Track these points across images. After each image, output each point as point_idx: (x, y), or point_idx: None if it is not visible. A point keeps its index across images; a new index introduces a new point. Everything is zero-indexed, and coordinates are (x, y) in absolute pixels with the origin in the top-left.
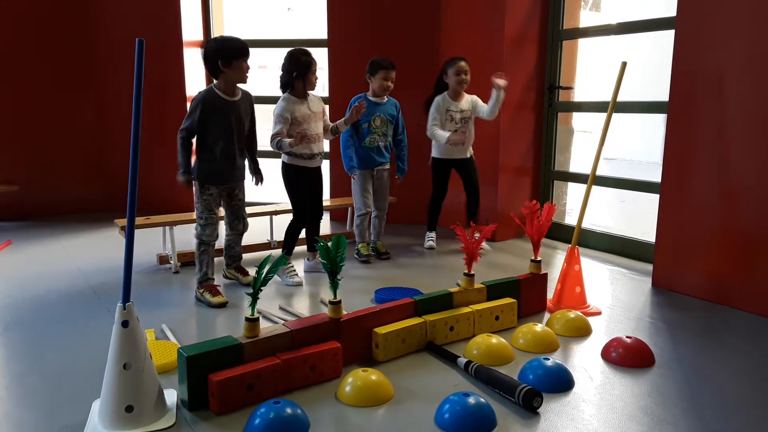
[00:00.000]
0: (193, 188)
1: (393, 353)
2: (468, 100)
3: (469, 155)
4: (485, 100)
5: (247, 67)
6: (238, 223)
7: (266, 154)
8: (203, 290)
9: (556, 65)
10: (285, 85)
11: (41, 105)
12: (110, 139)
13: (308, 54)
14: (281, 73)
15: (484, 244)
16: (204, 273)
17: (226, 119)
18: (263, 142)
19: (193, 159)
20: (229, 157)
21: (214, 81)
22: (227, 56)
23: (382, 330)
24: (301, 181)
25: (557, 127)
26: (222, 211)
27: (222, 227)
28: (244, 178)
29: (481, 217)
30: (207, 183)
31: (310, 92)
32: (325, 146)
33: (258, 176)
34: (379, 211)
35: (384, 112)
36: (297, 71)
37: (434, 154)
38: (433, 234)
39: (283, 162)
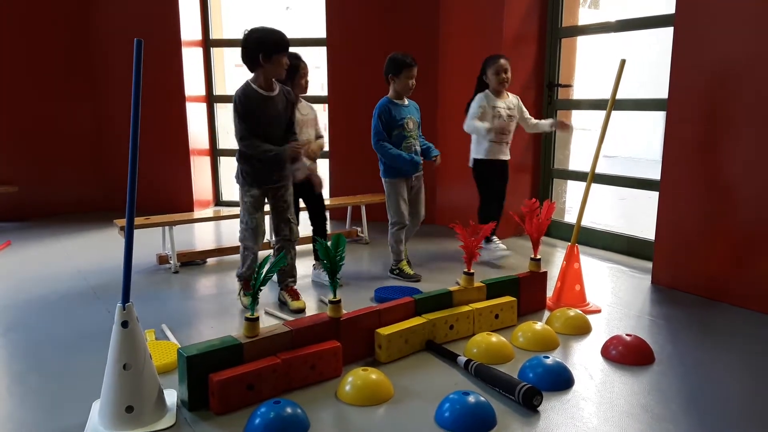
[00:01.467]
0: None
1: (396, 354)
2: (513, 99)
3: (508, 158)
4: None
5: (287, 63)
6: (284, 227)
7: None
8: (242, 287)
9: (555, 63)
10: None
11: (40, 105)
12: (109, 138)
13: (297, 57)
14: None
15: (502, 248)
16: (244, 272)
17: (266, 115)
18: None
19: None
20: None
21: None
22: (269, 50)
23: (385, 331)
24: (295, 187)
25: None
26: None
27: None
28: (290, 179)
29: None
30: (248, 185)
31: (302, 97)
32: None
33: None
34: (413, 224)
35: (411, 114)
36: (286, 76)
37: (476, 155)
38: (496, 240)
39: None
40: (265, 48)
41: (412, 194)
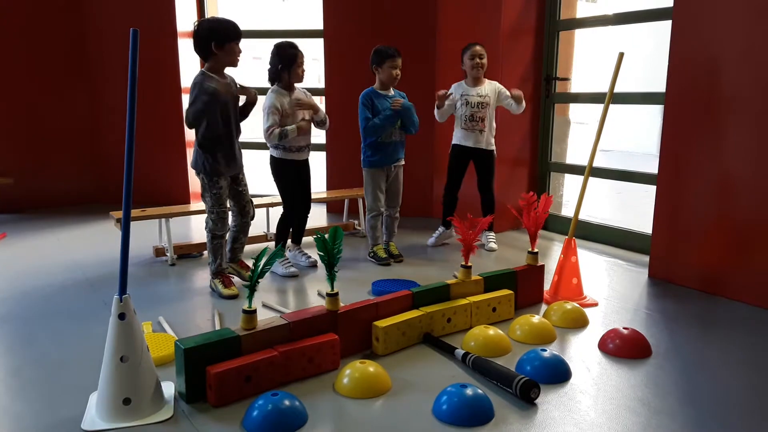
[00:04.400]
0: (200, 182)
1: (393, 346)
2: (489, 85)
3: (490, 148)
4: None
5: (239, 51)
6: (249, 207)
7: (254, 146)
8: (217, 280)
9: (552, 56)
10: (273, 78)
11: (34, 96)
12: (104, 129)
13: (294, 46)
14: (269, 66)
15: (494, 243)
16: (218, 264)
17: (222, 101)
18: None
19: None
20: (230, 140)
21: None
22: (221, 38)
23: (382, 323)
24: (290, 174)
25: (554, 118)
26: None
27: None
28: (242, 164)
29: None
30: (216, 175)
31: (297, 85)
32: (315, 139)
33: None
34: (391, 210)
35: None
36: (283, 64)
37: (453, 140)
38: (440, 229)
39: (271, 156)
40: (216, 36)
41: (389, 182)
